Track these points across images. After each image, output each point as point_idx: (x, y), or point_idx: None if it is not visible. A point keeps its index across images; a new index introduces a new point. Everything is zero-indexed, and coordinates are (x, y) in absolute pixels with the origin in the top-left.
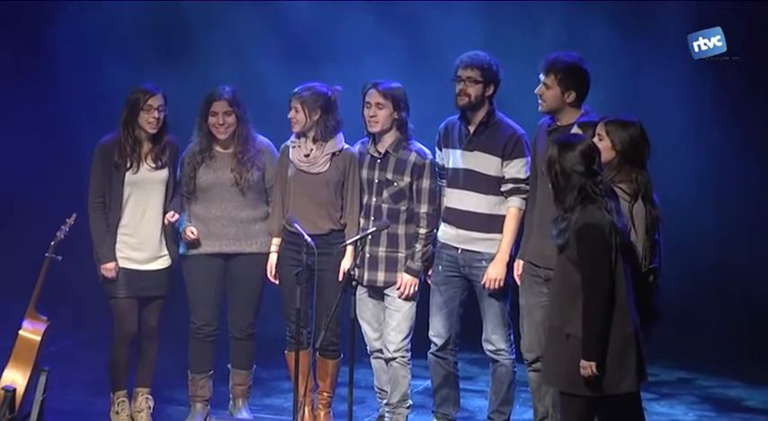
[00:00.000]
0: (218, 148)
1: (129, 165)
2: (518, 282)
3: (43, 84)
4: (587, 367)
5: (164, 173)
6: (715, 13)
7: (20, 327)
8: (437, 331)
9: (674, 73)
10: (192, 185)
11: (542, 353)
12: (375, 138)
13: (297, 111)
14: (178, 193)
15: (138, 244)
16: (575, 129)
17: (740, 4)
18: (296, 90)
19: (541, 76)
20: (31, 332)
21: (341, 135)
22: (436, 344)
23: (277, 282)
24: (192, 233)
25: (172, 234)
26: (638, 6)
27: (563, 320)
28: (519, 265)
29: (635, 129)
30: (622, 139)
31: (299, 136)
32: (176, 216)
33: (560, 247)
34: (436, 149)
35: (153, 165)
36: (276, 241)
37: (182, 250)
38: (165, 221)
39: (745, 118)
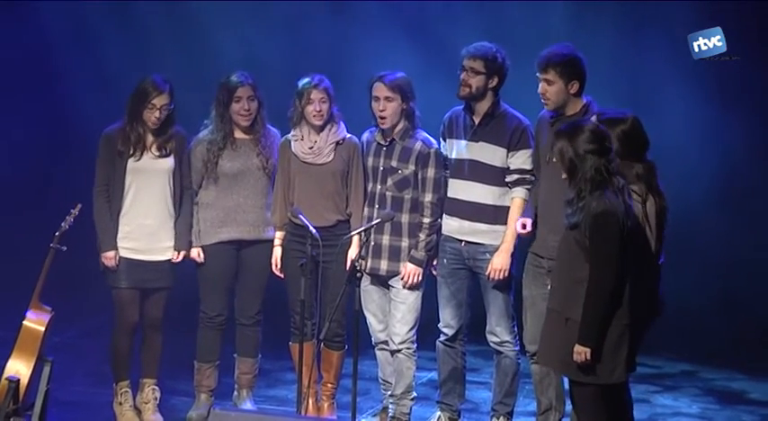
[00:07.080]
0: (238, 135)
1: (131, 153)
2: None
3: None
4: (582, 353)
5: (168, 162)
6: (715, 13)
7: (24, 318)
8: (447, 322)
9: (675, 73)
10: (214, 173)
11: (540, 333)
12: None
13: (324, 102)
14: (188, 197)
15: (139, 233)
16: None
17: (740, 4)
18: (314, 82)
19: (540, 75)
20: (36, 322)
21: (343, 124)
22: (446, 335)
23: (282, 275)
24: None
25: (183, 226)
26: (639, 6)
27: (564, 304)
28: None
29: (625, 125)
30: (614, 137)
31: (320, 128)
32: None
33: (572, 225)
34: (441, 140)
35: (157, 154)
36: (280, 235)
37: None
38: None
39: (746, 117)
